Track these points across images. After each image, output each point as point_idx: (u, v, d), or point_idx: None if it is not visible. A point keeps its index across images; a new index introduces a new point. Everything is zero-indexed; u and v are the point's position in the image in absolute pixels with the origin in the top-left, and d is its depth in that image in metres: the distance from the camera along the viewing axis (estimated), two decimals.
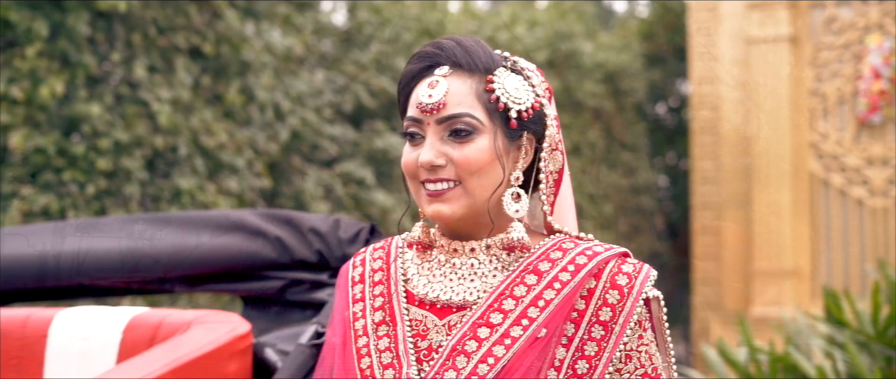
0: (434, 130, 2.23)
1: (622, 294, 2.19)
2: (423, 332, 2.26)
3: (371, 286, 2.38)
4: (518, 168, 2.26)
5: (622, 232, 14.94)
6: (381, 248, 2.44)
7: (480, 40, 2.32)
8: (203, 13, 7.82)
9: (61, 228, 3.87)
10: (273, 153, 8.52)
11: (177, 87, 7.58)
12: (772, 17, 12.62)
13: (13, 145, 6.77)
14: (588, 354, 2.17)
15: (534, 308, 2.19)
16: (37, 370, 3.16)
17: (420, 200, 2.27)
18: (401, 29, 10.82)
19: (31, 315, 3.26)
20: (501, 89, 2.22)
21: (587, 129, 14.00)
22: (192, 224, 3.67)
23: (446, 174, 2.23)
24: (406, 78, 2.31)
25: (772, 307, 11.88)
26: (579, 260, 2.23)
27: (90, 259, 3.56)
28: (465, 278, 2.27)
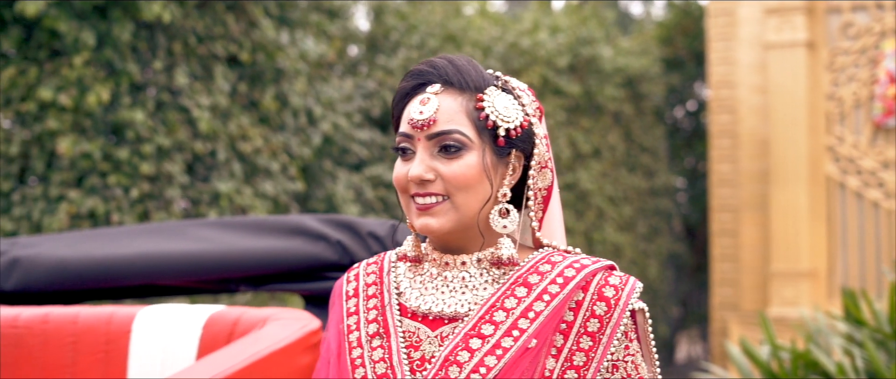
0: (424, 146, 2.29)
1: (609, 306, 2.25)
2: (415, 343, 2.31)
3: (365, 299, 2.44)
4: (505, 185, 2.33)
5: (641, 233, 15.04)
6: (375, 263, 2.52)
7: (472, 60, 2.39)
8: (240, 22, 8.00)
9: (132, 232, 4.12)
10: (306, 157, 8.69)
11: (215, 94, 7.77)
12: (789, 23, 12.76)
13: (61, 151, 6.98)
14: (577, 364, 2.24)
15: (524, 319, 2.24)
16: (121, 365, 3.37)
17: (410, 214, 2.34)
18: (426, 35, 11.00)
19: (115, 313, 3.48)
20: (491, 107, 2.29)
21: (607, 133, 14.08)
22: (256, 228, 3.91)
23: (435, 189, 2.29)
24: (399, 95, 2.38)
25: (788, 308, 12.08)
26: (568, 273, 2.29)
27: (161, 261, 3.80)
28: (456, 291, 2.33)
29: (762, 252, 13.51)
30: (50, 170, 7.16)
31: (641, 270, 14.84)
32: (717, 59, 14.17)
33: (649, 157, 15.46)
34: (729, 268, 14.05)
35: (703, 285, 16.75)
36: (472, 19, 12.32)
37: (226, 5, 7.89)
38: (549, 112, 12.68)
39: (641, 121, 15.19)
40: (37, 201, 7.09)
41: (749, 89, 13.71)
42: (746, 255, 13.77)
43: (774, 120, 12.90)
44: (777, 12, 12.87)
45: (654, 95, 15.45)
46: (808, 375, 5.96)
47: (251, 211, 7.89)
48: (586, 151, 13.39)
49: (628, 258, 14.43)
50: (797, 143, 12.69)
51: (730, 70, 14.01)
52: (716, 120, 14.20)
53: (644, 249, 15.10)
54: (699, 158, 17.21)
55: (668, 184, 16.19)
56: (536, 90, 12.38)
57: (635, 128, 14.95)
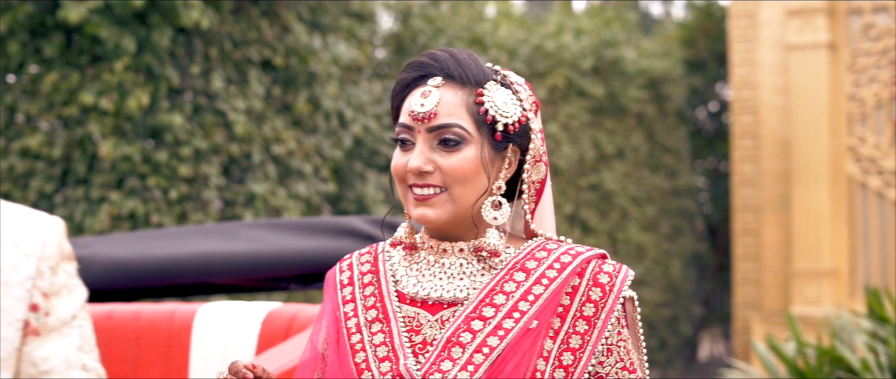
0: (424, 138, 2.30)
1: (604, 291, 2.28)
2: (416, 327, 2.32)
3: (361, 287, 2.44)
4: (501, 178, 2.34)
5: (664, 233, 15.11)
6: (368, 252, 2.51)
7: (473, 54, 2.39)
8: (274, 28, 8.17)
9: (186, 233, 4.29)
10: (337, 159, 8.84)
11: (250, 98, 7.93)
12: (810, 24, 12.79)
13: (103, 154, 7.16)
14: (573, 347, 2.26)
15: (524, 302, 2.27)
16: (183, 359, 3.53)
17: (407, 203, 2.34)
18: (453, 38, 11.13)
19: (177, 309, 3.65)
20: (490, 102, 2.31)
21: (630, 134, 14.18)
22: (306, 229, 4.07)
23: (433, 180, 2.30)
24: (400, 86, 2.38)
25: (811, 307, 12.09)
26: (564, 259, 2.32)
27: (216, 260, 3.96)
28: (454, 277, 2.34)
29: (784, 252, 13.53)
30: (91, 172, 7.33)
31: (664, 270, 14.93)
32: (738, 61, 14.23)
33: (672, 157, 15.52)
34: (751, 267, 14.11)
35: (726, 285, 16.77)
36: (497, 22, 12.44)
37: (260, 10, 8.05)
38: (574, 114, 12.80)
39: (664, 122, 15.26)
40: (79, 203, 7.28)
41: (771, 90, 13.75)
42: (769, 254, 13.81)
43: (796, 121, 12.94)
44: (798, 14, 12.92)
45: (677, 97, 15.53)
46: (834, 372, 6.08)
47: (285, 212, 8.04)
48: (610, 152, 13.49)
49: (651, 258, 14.50)
50: (819, 144, 12.74)
51: (752, 71, 14.05)
52: (738, 121, 14.26)
53: (667, 248, 15.15)
54: (721, 159, 17.24)
55: (690, 184, 16.25)
56: (561, 92, 12.53)
57: (658, 129, 15.03)
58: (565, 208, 12.68)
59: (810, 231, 12.79)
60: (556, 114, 12.58)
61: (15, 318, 1.63)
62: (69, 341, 1.71)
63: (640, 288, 13.93)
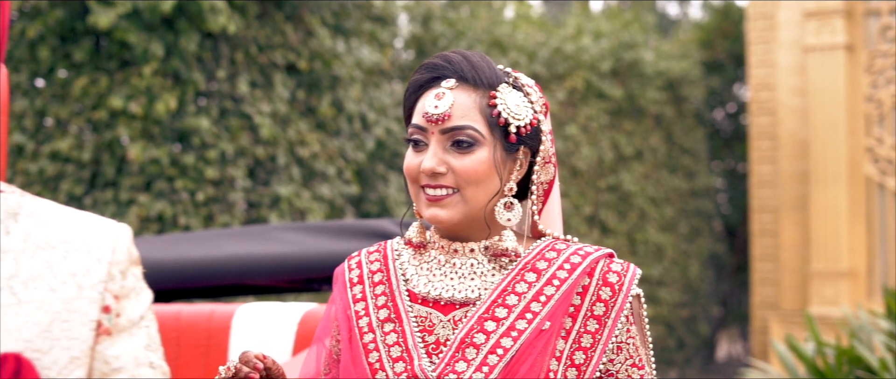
0: (438, 139, 2.31)
1: (613, 290, 2.30)
2: (429, 327, 2.33)
3: (371, 286, 2.44)
4: (513, 179, 2.36)
5: (683, 234, 15.15)
6: (377, 251, 2.51)
7: (485, 56, 2.40)
8: (298, 32, 8.27)
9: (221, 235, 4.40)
10: (360, 161, 8.95)
11: (275, 102, 8.04)
12: (828, 26, 12.83)
13: (132, 157, 7.28)
14: (584, 346, 2.28)
15: (536, 303, 2.28)
16: (221, 359, 3.62)
17: (419, 203, 2.35)
18: (473, 41, 11.22)
19: (215, 310, 3.75)
20: (503, 105, 2.32)
21: (649, 135, 14.23)
22: (337, 232, 4.17)
23: (446, 181, 2.30)
24: (413, 87, 2.39)
25: (829, 307, 12.14)
26: (574, 259, 2.33)
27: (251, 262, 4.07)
28: (465, 277, 2.35)
29: (802, 252, 13.57)
30: (120, 175, 7.45)
31: (683, 270, 14.97)
32: (756, 62, 14.29)
33: (690, 158, 15.56)
34: (769, 268, 14.16)
35: (744, 285, 16.78)
36: (517, 25, 12.51)
37: (285, 15, 8.16)
38: (592, 115, 12.87)
39: (682, 123, 15.31)
40: (108, 205, 7.40)
41: (789, 92, 13.79)
42: (786, 255, 13.85)
43: (814, 122, 12.99)
44: (816, 16, 12.96)
45: (695, 98, 15.58)
46: (852, 371, 6.16)
47: (309, 214, 8.14)
48: (629, 154, 13.55)
49: (670, 258, 14.54)
50: (836, 145, 12.78)
51: (769, 73, 14.11)
52: (756, 122, 14.32)
53: (685, 249, 15.19)
54: (739, 159, 17.29)
55: (708, 185, 16.29)
56: (580, 94, 12.59)
57: (676, 130, 15.08)
58: (584, 209, 12.73)
59: (828, 232, 12.82)
60: (576, 116, 12.65)
61: (89, 319, 1.74)
62: (137, 341, 1.82)
63: (658, 288, 14.00)
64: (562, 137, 12.26)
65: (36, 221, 1.79)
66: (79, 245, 1.78)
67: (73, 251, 1.77)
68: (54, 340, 1.70)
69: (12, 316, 1.68)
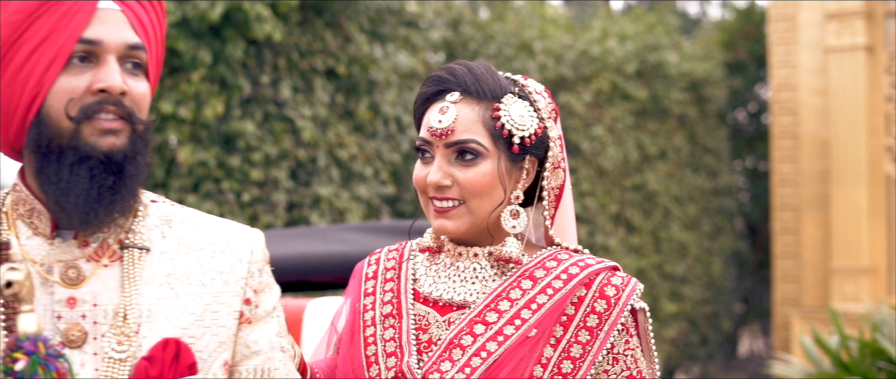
0: (442, 153, 2.36)
1: (609, 303, 2.34)
2: (425, 326, 2.41)
3: (383, 283, 2.53)
4: (519, 188, 2.41)
5: (706, 232, 15.26)
6: (396, 250, 2.60)
7: (490, 66, 2.45)
8: (337, 38, 8.48)
9: (285, 235, 4.65)
10: (395, 162, 9.18)
11: (316, 105, 8.26)
12: (849, 28, 12.97)
13: (181, 159, 7.53)
14: (573, 356, 2.32)
15: (527, 310, 2.33)
16: None
17: (428, 213, 2.43)
18: (502, 44, 11.41)
19: (286, 304, 3.92)
20: (507, 117, 2.35)
21: (673, 135, 14.37)
22: (392, 232, 4.41)
23: (452, 194, 2.36)
24: (420, 99, 2.45)
25: (849, 303, 12.26)
26: (572, 270, 2.38)
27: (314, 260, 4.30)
28: (466, 280, 2.42)
29: (823, 249, 13.72)
30: (169, 176, 7.69)
31: (706, 268, 15.11)
32: (778, 63, 14.43)
33: (712, 158, 15.68)
34: (791, 265, 14.31)
35: (765, 282, 16.87)
36: (544, 28, 12.66)
37: (324, 22, 8.39)
38: (618, 116, 13.03)
39: (705, 123, 15.43)
40: None
41: (810, 92, 13.95)
42: (808, 252, 14.01)
43: (835, 121, 13.14)
44: (837, 17, 13.10)
45: (717, 98, 15.70)
46: (875, 363, 6.39)
47: (348, 213, 8.36)
48: (653, 153, 13.70)
49: (693, 256, 14.68)
50: (857, 144, 12.93)
51: (791, 73, 14.24)
52: (777, 122, 14.46)
53: (708, 246, 15.30)
54: (760, 158, 17.41)
55: (730, 184, 16.39)
56: (606, 95, 12.74)
57: (699, 130, 15.20)
58: (611, 208, 12.88)
59: (849, 229, 12.96)
60: (602, 117, 12.81)
61: (233, 310, 2.02)
62: (271, 328, 2.10)
63: (681, 285, 14.15)
64: (588, 138, 12.44)
65: (186, 227, 2.09)
66: (223, 247, 2.08)
67: (219, 252, 2.07)
68: (205, 327, 2.00)
69: (171, 307, 1.98)
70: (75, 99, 1.93)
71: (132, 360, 1.92)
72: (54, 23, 1.92)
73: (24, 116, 1.93)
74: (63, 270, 1.96)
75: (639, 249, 13.30)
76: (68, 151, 1.92)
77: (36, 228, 2.00)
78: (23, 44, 1.91)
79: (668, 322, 13.80)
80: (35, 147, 1.94)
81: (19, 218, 2.02)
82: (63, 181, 1.92)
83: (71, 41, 1.93)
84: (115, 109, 1.95)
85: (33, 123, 1.93)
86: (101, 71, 1.95)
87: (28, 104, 1.92)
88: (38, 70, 1.91)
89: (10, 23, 1.91)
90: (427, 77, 2.46)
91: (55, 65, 1.92)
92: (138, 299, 1.96)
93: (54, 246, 1.98)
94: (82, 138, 1.93)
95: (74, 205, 1.92)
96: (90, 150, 1.93)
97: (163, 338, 1.95)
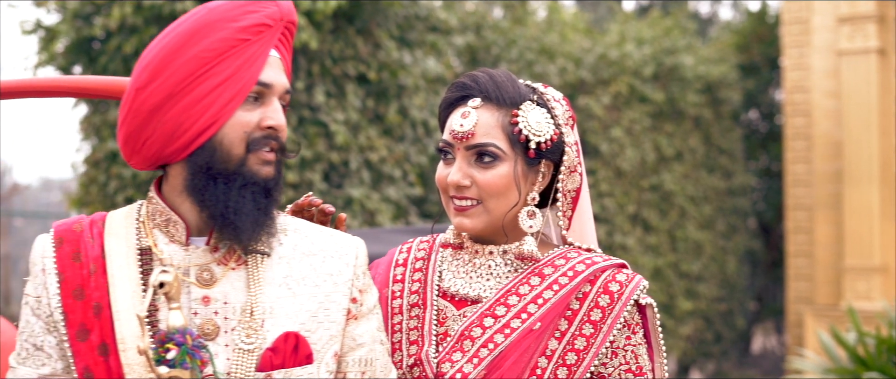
0: (463, 155, 2.52)
1: (613, 299, 2.45)
2: (443, 319, 2.55)
3: (412, 272, 2.66)
4: (535, 190, 2.54)
5: (720, 231, 15.37)
6: (426, 242, 2.74)
7: (511, 75, 2.57)
8: (367, 44, 8.70)
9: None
10: (423, 164, 9.42)
11: (348, 110, 8.47)
12: (861, 31, 13.14)
13: None
14: (577, 348, 2.44)
15: (533, 305, 2.46)
16: None
17: (449, 211, 2.58)
18: (524, 49, 11.61)
19: None
20: (524, 123, 2.49)
21: (688, 137, 14.49)
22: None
23: (470, 194, 2.51)
24: (444, 104, 2.61)
25: (861, 301, 12.44)
26: (578, 267, 2.50)
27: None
28: (482, 277, 2.56)
29: (836, 248, 13.85)
30: None
31: (720, 266, 15.24)
32: (791, 66, 14.56)
33: (727, 158, 15.78)
34: (804, 263, 14.43)
35: (779, 280, 16.92)
36: (564, 33, 12.82)
37: (356, 29, 8.62)
38: (636, 119, 13.16)
39: (719, 124, 15.54)
40: None
41: (822, 94, 14.08)
42: (820, 251, 14.12)
43: (847, 123, 13.29)
44: (849, 21, 13.26)
45: (732, 100, 15.80)
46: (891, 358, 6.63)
47: (378, 214, 8.58)
48: (669, 155, 13.83)
49: (708, 254, 14.80)
50: (869, 145, 13.09)
51: (804, 76, 14.36)
52: (791, 123, 14.58)
53: (723, 245, 15.40)
54: (773, 159, 17.50)
55: (744, 184, 16.47)
56: (624, 98, 12.89)
57: (714, 131, 15.30)
58: (628, 208, 13.03)
59: (861, 229, 13.12)
60: (620, 119, 12.97)
61: (342, 307, 2.29)
62: (373, 323, 2.37)
63: (697, 283, 14.29)
64: (607, 140, 12.61)
65: (299, 235, 2.38)
66: (332, 253, 2.37)
67: (329, 257, 2.36)
68: (319, 323, 2.29)
69: (289, 305, 2.27)
70: (248, 132, 2.22)
71: (258, 350, 2.21)
72: (239, 65, 2.21)
73: (192, 139, 2.20)
74: (198, 273, 2.25)
75: (656, 248, 13.45)
76: (237, 176, 2.22)
77: (172, 236, 2.29)
78: (208, 78, 2.18)
79: (684, 320, 13.94)
80: (203, 168, 2.22)
81: (156, 227, 2.31)
82: (231, 202, 2.20)
83: (251, 82, 2.22)
84: (273, 144, 2.27)
85: (202, 147, 2.21)
86: (268, 109, 2.27)
87: (201, 130, 2.20)
88: (219, 102, 2.19)
89: (200, 58, 2.18)
90: (452, 83, 2.61)
91: (235, 100, 2.21)
92: (262, 298, 2.25)
93: (189, 252, 2.28)
94: (248, 166, 2.23)
95: (243, 223, 2.21)
96: (253, 177, 2.24)
97: (284, 331, 2.24)
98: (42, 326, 2.26)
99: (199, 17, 2.22)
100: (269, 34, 2.26)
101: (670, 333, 13.46)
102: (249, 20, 2.23)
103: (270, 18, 2.27)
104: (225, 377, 2.18)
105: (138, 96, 2.20)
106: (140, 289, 2.23)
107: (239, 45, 2.21)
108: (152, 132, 2.21)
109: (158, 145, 2.23)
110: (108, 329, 2.19)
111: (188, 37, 2.19)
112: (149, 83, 2.19)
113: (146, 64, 2.21)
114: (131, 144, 2.26)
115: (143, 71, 2.21)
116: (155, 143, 2.23)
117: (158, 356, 2.11)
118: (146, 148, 2.24)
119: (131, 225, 2.34)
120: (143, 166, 2.33)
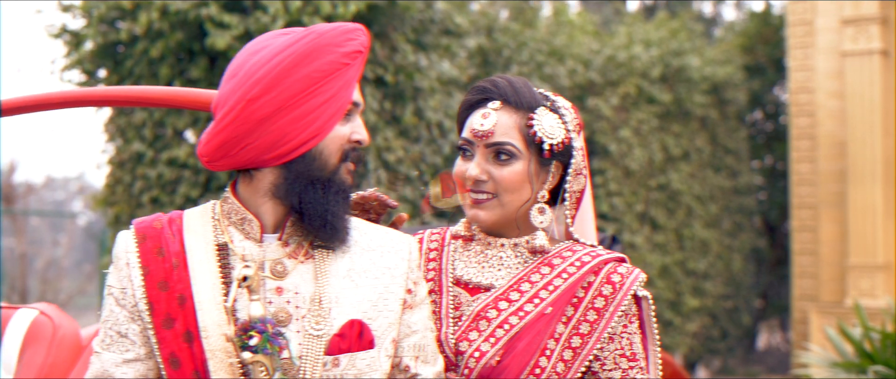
0: (482, 152, 2.65)
1: (614, 288, 2.62)
2: (457, 305, 2.68)
3: (426, 261, 2.79)
4: (545, 188, 2.68)
5: (726, 229, 15.51)
6: (438, 233, 2.86)
7: (527, 82, 2.72)
8: (384, 48, 8.93)
9: None
10: (438, 165, 9.62)
11: (366, 112, 8.66)
12: (864, 33, 13.29)
13: None
14: (581, 332, 2.59)
15: (545, 291, 2.61)
16: None
17: (465, 204, 2.71)
18: (534, 51, 11.79)
19: None
20: (539, 126, 2.64)
21: (695, 137, 14.63)
22: None
23: (487, 188, 2.65)
24: (465, 105, 2.75)
25: (865, 298, 12.54)
26: (584, 259, 2.66)
27: None
28: (494, 267, 2.70)
29: (840, 247, 14.00)
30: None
31: (726, 264, 15.38)
32: (796, 67, 14.70)
33: (733, 158, 15.90)
34: (808, 261, 14.56)
35: (784, 278, 16.98)
36: (574, 35, 12.98)
37: (373, 33, 8.83)
38: (643, 119, 13.30)
39: (725, 124, 15.67)
40: None
41: (827, 94, 14.23)
42: (825, 249, 14.27)
43: (851, 123, 13.41)
44: (853, 22, 13.40)
45: (737, 101, 15.91)
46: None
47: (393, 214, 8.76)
48: (676, 154, 13.98)
49: (714, 253, 14.94)
50: (873, 145, 13.22)
51: (808, 76, 14.51)
52: (795, 123, 14.72)
53: (729, 244, 15.53)
54: (778, 159, 17.61)
55: (750, 183, 16.59)
56: (632, 99, 13.04)
57: (720, 131, 15.44)
58: (636, 207, 13.20)
59: (865, 227, 13.25)
60: (628, 119, 13.14)
61: (399, 298, 2.48)
62: (425, 313, 2.57)
63: (703, 281, 14.43)
64: (616, 140, 12.76)
65: (359, 232, 2.61)
66: (389, 248, 2.60)
67: (387, 253, 2.59)
68: (379, 311, 2.51)
69: (353, 295, 2.50)
70: (342, 145, 2.48)
71: (326, 336, 2.43)
72: (341, 85, 2.45)
73: (295, 148, 2.43)
74: (272, 266, 2.48)
75: (663, 247, 13.61)
76: (332, 183, 2.47)
77: (247, 233, 2.52)
78: (316, 95, 2.42)
79: (691, 316, 14.09)
80: (302, 174, 2.46)
81: (232, 225, 2.54)
82: (329, 205, 2.45)
83: (347, 101, 2.48)
84: (355, 155, 2.52)
85: (302, 156, 2.45)
86: (356, 124, 2.52)
87: (305, 140, 2.43)
88: (322, 118, 2.43)
89: (311, 78, 2.41)
90: (472, 86, 2.75)
91: (336, 116, 2.46)
92: (328, 289, 2.48)
93: (263, 247, 2.50)
94: (339, 175, 2.49)
95: (338, 223, 2.47)
96: (342, 184, 2.49)
97: (349, 319, 2.46)
98: (126, 315, 2.48)
99: (310, 40, 2.45)
100: (361, 59, 2.51)
101: (677, 329, 13.62)
102: (350, 47, 2.48)
103: (362, 46, 2.51)
104: (298, 360, 2.41)
105: (249, 106, 2.41)
106: (219, 281, 2.46)
107: (342, 68, 2.45)
108: (256, 139, 2.43)
109: (258, 151, 2.45)
110: (192, 318, 2.42)
111: (302, 57, 2.42)
112: (261, 96, 2.41)
113: (259, 78, 2.42)
114: (227, 149, 2.46)
115: (255, 84, 2.42)
116: (255, 149, 2.44)
117: (242, 342, 2.34)
118: (244, 153, 2.45)
119: (208, 223, 2.56)
120: (228, 168, 2.54)
